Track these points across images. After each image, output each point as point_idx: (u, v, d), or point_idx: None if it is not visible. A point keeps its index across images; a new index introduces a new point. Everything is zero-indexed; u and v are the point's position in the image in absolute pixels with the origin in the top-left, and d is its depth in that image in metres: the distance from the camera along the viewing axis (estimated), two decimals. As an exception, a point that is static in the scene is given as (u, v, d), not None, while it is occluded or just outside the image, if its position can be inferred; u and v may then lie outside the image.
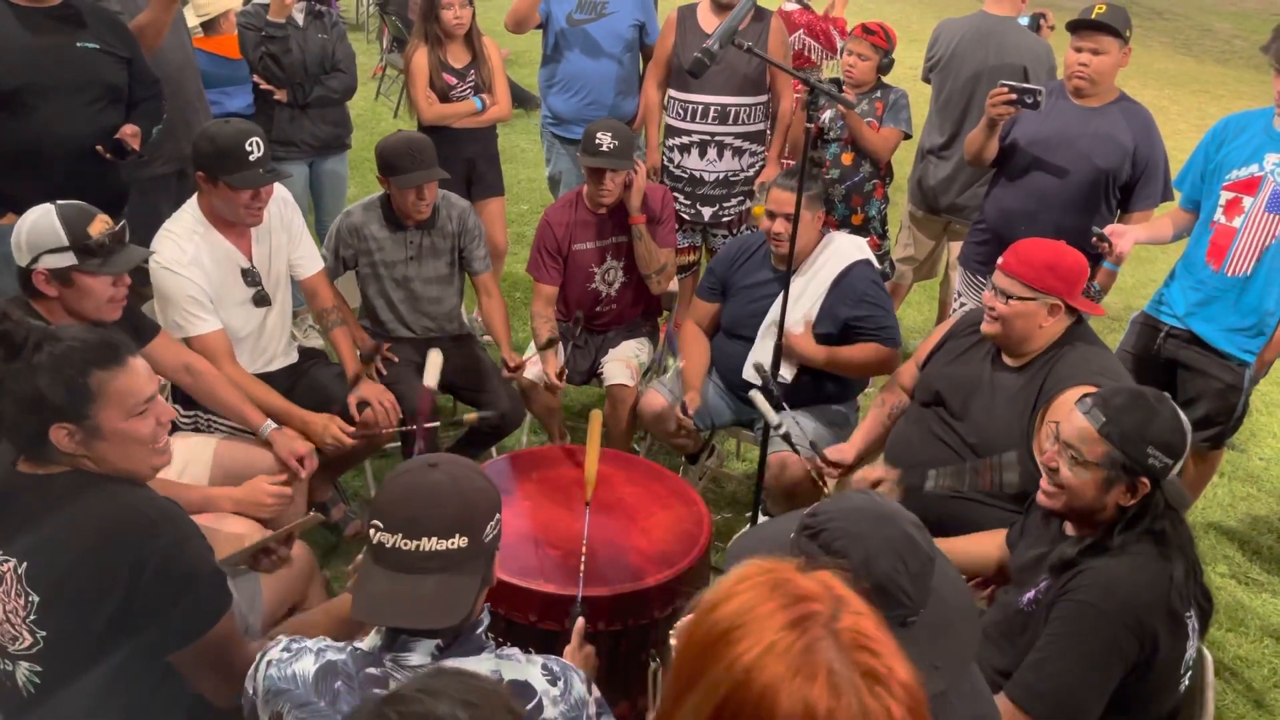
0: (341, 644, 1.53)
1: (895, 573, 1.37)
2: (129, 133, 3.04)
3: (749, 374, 3.16)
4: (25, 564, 1.67)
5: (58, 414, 1.68)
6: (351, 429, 2.87)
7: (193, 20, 4.13)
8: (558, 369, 3.23)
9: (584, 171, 3.37)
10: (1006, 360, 2.58)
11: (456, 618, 1.46)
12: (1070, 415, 1.99)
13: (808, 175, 2.72)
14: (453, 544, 1.46)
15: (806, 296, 3.15)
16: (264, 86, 3.96)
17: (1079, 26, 3.20)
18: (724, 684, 0.97)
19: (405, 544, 1.46)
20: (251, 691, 1.52)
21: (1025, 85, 3.15)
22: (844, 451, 2.88)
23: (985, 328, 2.56)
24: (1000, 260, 2.52)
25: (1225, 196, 2.99)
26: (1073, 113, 3.29)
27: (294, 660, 1.49)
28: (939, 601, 1.44)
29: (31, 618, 1.66)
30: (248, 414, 2.69)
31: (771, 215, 3.11)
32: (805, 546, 1.40)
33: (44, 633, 1.66)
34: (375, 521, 1.49)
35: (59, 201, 2.30)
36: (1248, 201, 2.94)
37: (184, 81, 3.63)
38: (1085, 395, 2.01)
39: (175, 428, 2.80)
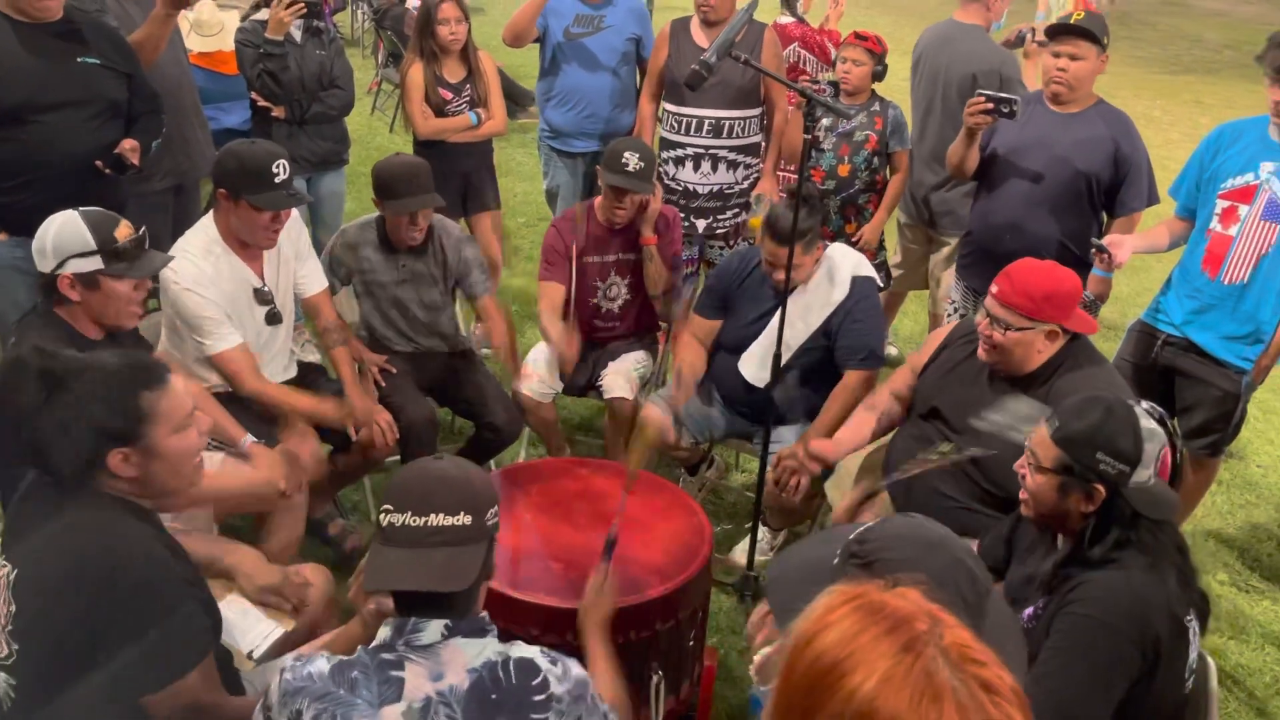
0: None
1: (951, 603, 1.34)
2: (128, 147, 3.05)
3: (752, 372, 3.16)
4: (16, 571, 1.66)
5: (117, 439, 1.71)
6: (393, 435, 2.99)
7: (194, 40, 4.15)
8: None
9: (604, 188, 3.36)
10: (1002, 375, 2.58)
11: (465, 582, 1.55)
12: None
13: (799, 213, 2.73)
14: (459, 520, 1.57)
15: (803, 314, 3.14)
16: (261, 103, 3.97)
17: (1057, 32, 3.22)
18: (844, 717, 0.95)
19: (414, 520, 1.56)
20: (263, 709, 1.53)
21: (1001, 94, 3.17)
22: (824, 446, 2.84)
23: (982, 354, 2.56)
24: (995, 288, 2.50)
25: (1221, 205, 3.00)
26: (1051, 119, 3.31)
27: (307, 664, 1.53)
28: (990, 636, 1.41)
29: (9, 628, 1.65)
30: (227, 429, 2.68)
31: (770, 265, 3.08)
32: (857, 576, 1.38)
33: (17, 646, 1.65)
34: (385, 506, 1.59)
35: (81, 208, 2.33)
36: (1243, 210, 2.95)
37: (181, 97, 3.63)
38: None
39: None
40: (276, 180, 2.71)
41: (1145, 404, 2.91)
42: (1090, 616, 1.81)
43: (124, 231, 2.32)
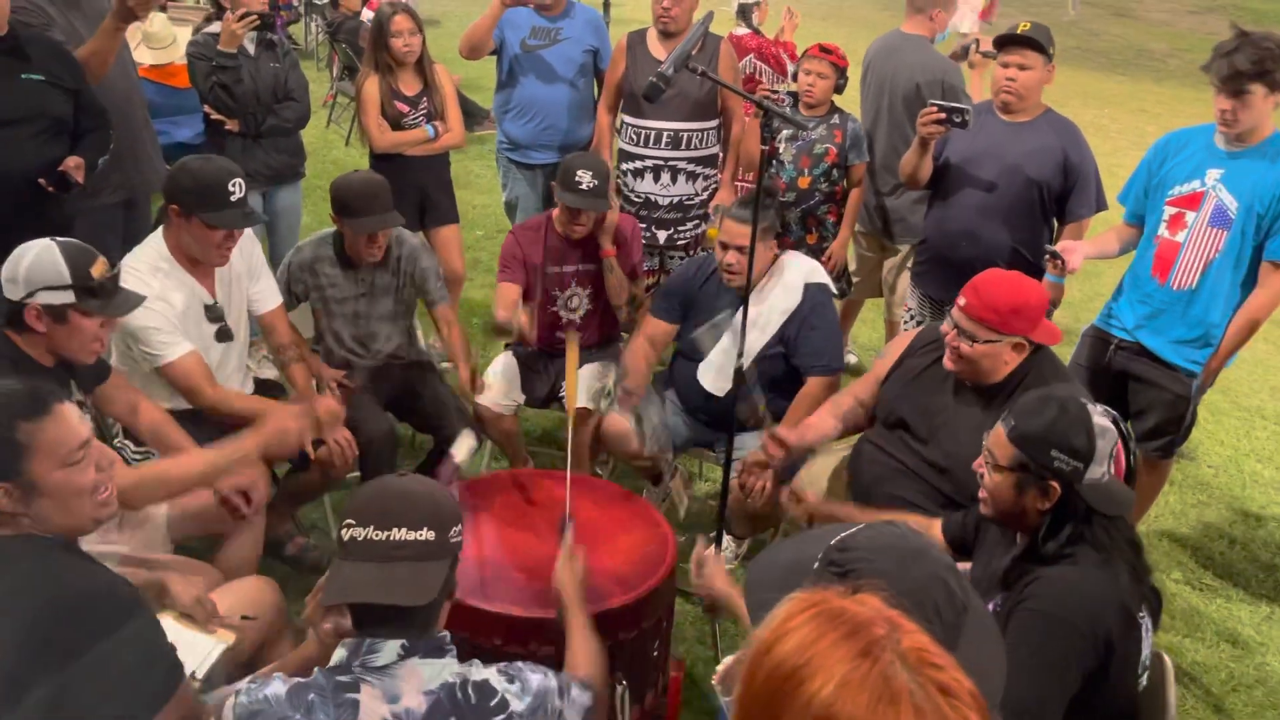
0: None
1: (928, 623, 1.33)
2: (72, 165, 2.99)
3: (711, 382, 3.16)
4: None
5: None
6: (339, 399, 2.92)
7: (144, 53, 4.09)
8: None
9: (559, 204, 3.36)
10: (969, 385, 2.60)
11: (427, 596, 1.54)
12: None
13: (760, 205, 2.73)
14: (422, 535, 1.56)
15: (759, 322, 3.16)
16: (214, 116, 3.92)
17: (1005, 42, 3.29)
18: None
19: (377, 534, 1.55)
20: None
21: (953, 104, 3.22)
22: (789, 433, 2.83)
23: (949, 365, 2.57)
24: (962, 300, 2.51)
25: (1169, 211, 3.06)
26: (1002, 129, 3.36)
27: (263, 687, 1.51)
28: (969, 650, 1.41)
29: None
30: (187, 450, 2.63)
31: (724, 246, 3.11)
32: (835, 585, 1.38)
33: None
34: (347, 521, 1.58)
35: (58, 239, 2.27)
36: (1190, 216, 3.01)
37: (130, 111, 3.58)
38: None
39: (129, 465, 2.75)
40: (232, 198, 2.68)
41: (1100, 407, 2.97)
42: (1043, 612, 1.84)
43: (100, 268, 2.26)
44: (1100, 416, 1.94)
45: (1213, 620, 3.33)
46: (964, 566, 2.31)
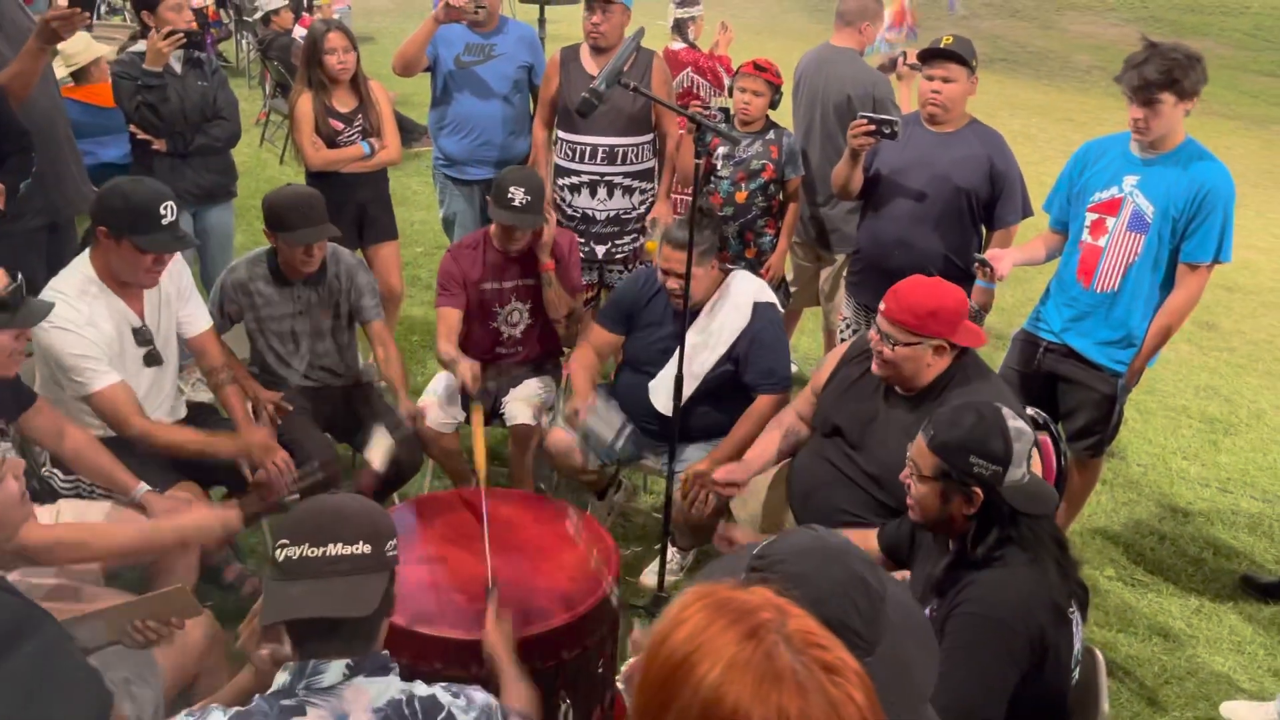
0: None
1: (846, 614, 1.35)
2: None
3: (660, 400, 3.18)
4: None
5: None
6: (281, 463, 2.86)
7: (62, 71, 4.00)
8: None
9: (494, 223, 3.35)
10: (899, 390, 2.66)
11: (368, 608, 1.53)
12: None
13: (698, 225, 2.75)
14: (358, 549, 1.55)
15: (709, 341, 3.18)
16: (141, 136, 3.85)
17: (929, 56, 3.37)
18: (694, 708, 0.98)
19: (312, 551, 1.54)
20: None
21: (882, 116, 3.29)
22: (733, 471, 2.85)
23: (875, 369, 2.64)
24: (882, 306, 2.59)
25: (1090, 217, 3.15)
26: (929, 139, 3.44)
27: (204, 715, 1.48)
28: (895, 640, 1.44)
29: None
30: (118, 477, 2.58)
31: (666, 272, 3.11)
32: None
33: None
34: (281, 542, 1.56)
35: None
36: (1111, 222, 3.11)
37: (54, 132, 3.50)
38: None
39: (57, 494, 2.69)
40: (163, 221, 2.63)
41: (1031, 410, 3.04)
42: (977, 614, 1.89)
43: (1, 282, 2.22)
44: (1015, 420, 2.00)
45: (1144, 615, 3.42)
46: (903, 575, 2.35)
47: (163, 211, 2.62)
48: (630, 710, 1.09)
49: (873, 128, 3.25)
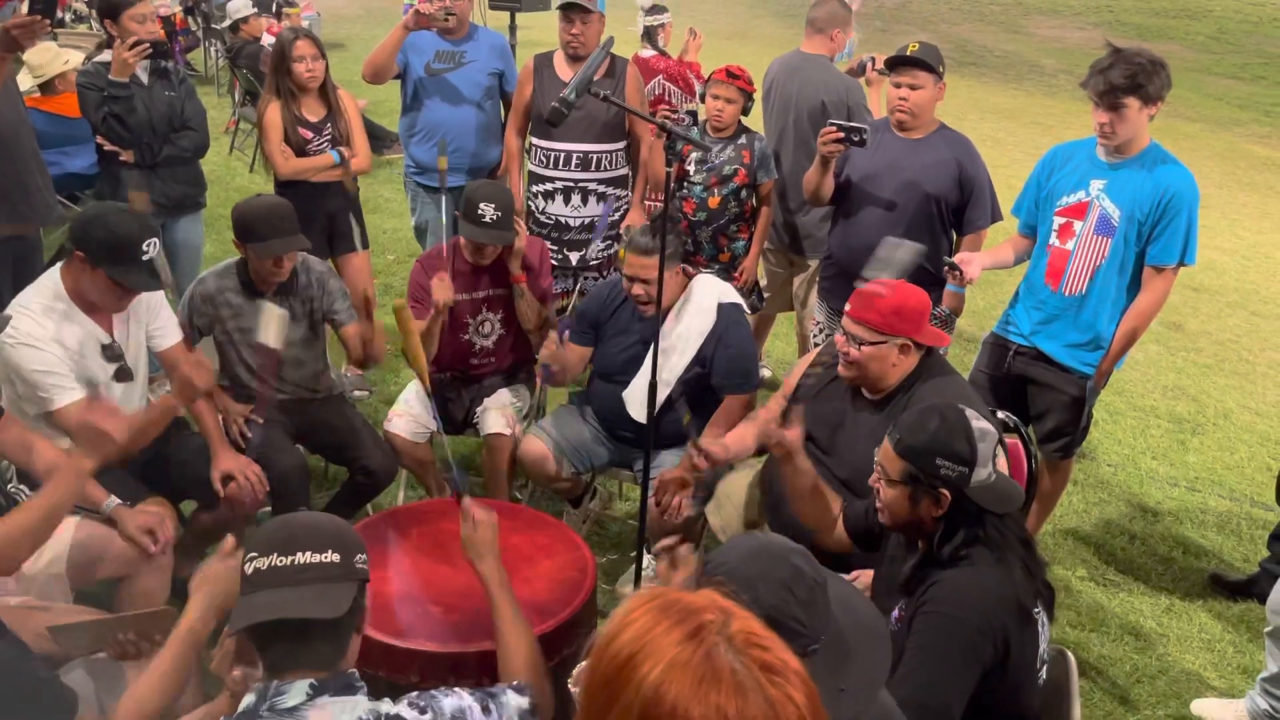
0: None
1: (784, 603, 1.42)
2: None
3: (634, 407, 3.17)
4: None
5: None
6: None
7: (29, 82, 3.95)
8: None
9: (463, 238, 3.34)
10: (866, 394, 2.69)
11: (337, 611, 1.52)
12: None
13: (662, 232, 2.75)
14: (326, 558, 1.55)
15: (678, 345, 3.18)
16: (108, 147, 3.80)
17: (896, 63, 3.39)
18: (635, 707, 0.99)
19: (280, 560, 1.53)
20: None
21: (851, 124, 3.31)
22: (715, 446, 2.81)
23: (841, 371, 2.67)
24: (848, 306, 2.63)
25: (1058, 221, 3.19)
26: (898, 145, 3.47)
27: None
28: (841, 628, 1.48)
29: None
30: (88, 491, 2.54)
31: (630, 279, 3.13)
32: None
33: None
34: (249, 556, 1.56)
35: None
36: (1078, 225, 3.14)
37: (18, 142, 3.46)
38: None
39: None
40: (144, 258, 2.61)
41: (1001, 413, 3.07)
42: (941, 614, 1.91)
43: None
44: (979, 420, 2.02)
45: (1115, 614, 3.46)
46: (856, 576, 2.38)
47: (145, 248, 2.60)
48: (577, 710, 1.10)
49: (841, 135, 3.27)
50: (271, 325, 2.66)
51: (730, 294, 3.28)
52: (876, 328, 2.56)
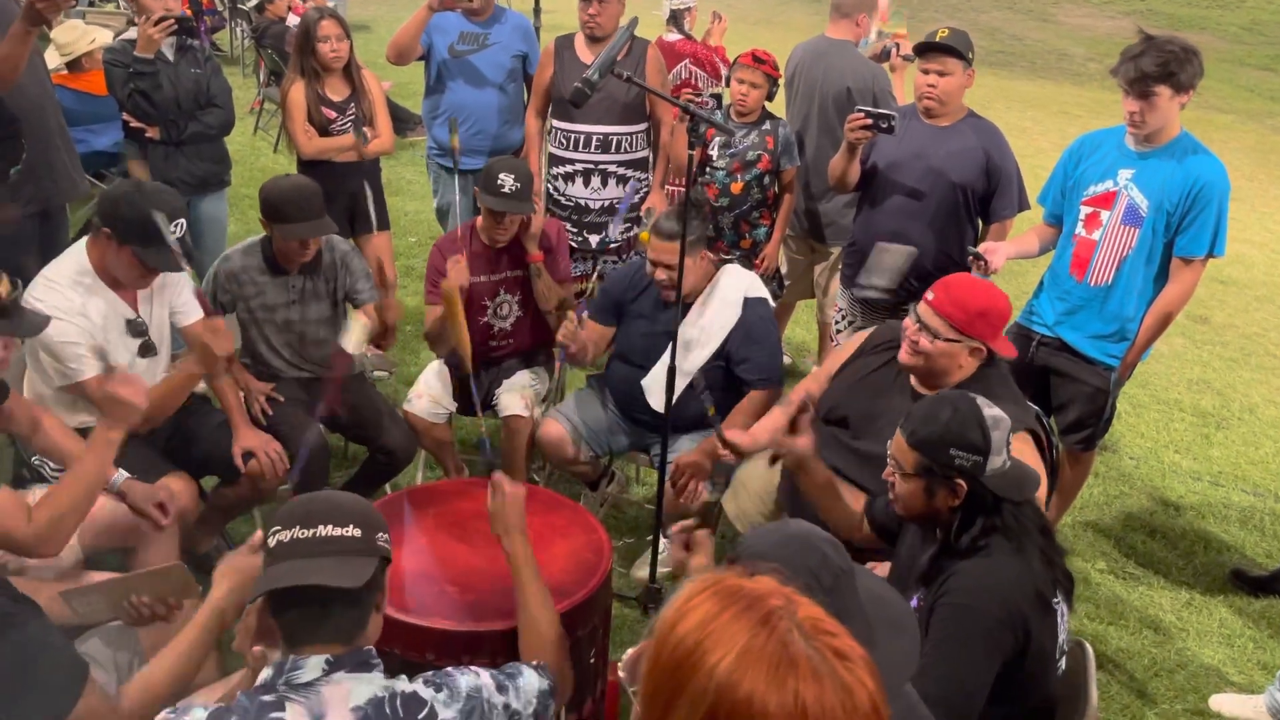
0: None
1: (808, 590, 1.38)
2: None
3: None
4: None
5: None
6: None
7: (55, 60, 3.97)
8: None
9: (482, 210, 3.34)
10: (916, 386, 2.60)
11: (357, 581, 1.53)
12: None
13: (687, 217, 2.73)
14: (348, 532, 1.57)
15: (701, 338, 3.17)
16: (134, 124, 3.82)
17: (924, 50, 3.35)
18: (707, 695, 0.99)
19: (302, 533, 1.55)
20: None
21: (879, 110, 3.27)
22: (740, 435, 2.79)
23: (904, 358, 2.55)
24: (930, 295, 2.49)
25: (1084, 211, 3.15)
26: (926, 133, 3.43)
27: (183, 715, 1.47)
28: (866, 619, 1.46)
29: None
30: None
31: (654, 264, 3.11)
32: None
33: None
34: (273, 529, 1.58)
35: None
36: (1105, 215, 3.10)
37: (44, 120, 3.47)
38: None
39: (48, 482, 2.67)
40: (171, 239, 2.60)
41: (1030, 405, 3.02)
42: (961, 605, 1.90)
43: (4, 288, 2.18)
44: (990, 408, 1.99)
45: (1135, 608, 3.43)
46: (875, 567, 2.36)
47: (173, 229, 2.61)
48: (638, 698, 1.08)
49: (870, 122, 3.24)
50: (355, 333, 2.69)
51: (757, 287, 3.25)
52: (958, 325, 2.44)
